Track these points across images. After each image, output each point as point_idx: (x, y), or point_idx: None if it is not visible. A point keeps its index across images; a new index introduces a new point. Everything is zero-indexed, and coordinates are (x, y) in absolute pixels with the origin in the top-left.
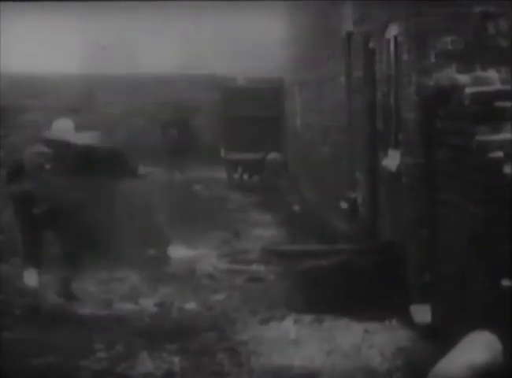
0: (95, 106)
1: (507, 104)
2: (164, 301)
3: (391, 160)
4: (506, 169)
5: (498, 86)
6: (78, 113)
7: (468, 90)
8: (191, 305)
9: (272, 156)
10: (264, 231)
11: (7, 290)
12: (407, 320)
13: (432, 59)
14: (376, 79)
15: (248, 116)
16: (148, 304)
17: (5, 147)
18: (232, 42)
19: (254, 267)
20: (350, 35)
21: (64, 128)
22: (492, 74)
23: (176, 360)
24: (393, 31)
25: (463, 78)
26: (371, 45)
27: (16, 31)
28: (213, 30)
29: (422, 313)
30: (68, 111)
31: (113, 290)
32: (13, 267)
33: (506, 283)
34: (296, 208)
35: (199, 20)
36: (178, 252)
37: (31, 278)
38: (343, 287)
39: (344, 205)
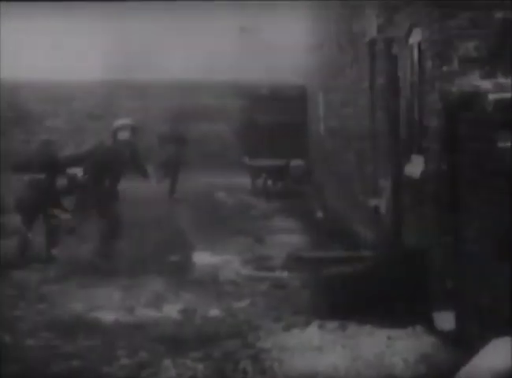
0: (117, 112)
1: None
2: (187, 307)
3: (415, 166)
4: None
5: None
6: (100, 120)
7: (490, 97)
8: (214, 312)
9: (296, 162)
10: (287, 237)
11: (27, 296)
12: (430, 327)
13: (455, 65)
14: (399, 85)
15: (272, 122)
16: (171, 311)
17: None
18: (256, 49)
19: (278, 273)
20: (373, 41)
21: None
22: None
23: (200, 367)
24: (416, 37)
25: (486, 84)
26: (394, 51)
27: (36, 38)
28: (236, 36)
29: (445, 320)
30: (90, 117)
31: (136, 297)
32: (32, 273)
33: None
34: (320, 214)
35: (222, 26)
36: (202, 258)
37: None
38: (366, 293)
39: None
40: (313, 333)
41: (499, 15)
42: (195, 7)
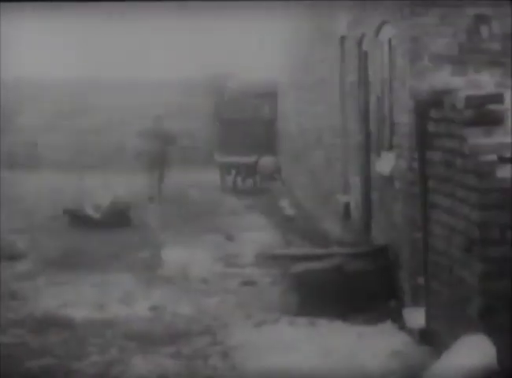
0: (90, 110)
1: (500, 107)
2: (157, 305)
3: (385, 163)
4: (500, 173)
5: (491, 89)
6: (74, 117)
7: (461, 94)
8: (184, 309)
9: (266, 159)
10: (257, 234)
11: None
12: (401, 324)
13: (426, 62)
14: (369, 82)
15: (242, 119)
16: (141, 308)
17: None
18: (228, 45)
19: (248, 270)
20: (344, 37)
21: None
22: (485, 77)
23: (170, 364)
24: (387, 34)
25: (457, 81)
26: (365, 48)
27: (12, 35)
28: (208, 33)
29: (416, 317)
30: (64, 114)
31: (107, 294)
32: (6, 269)
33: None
34: (290, 211)
35: (195, 23)
36: (171, 255)
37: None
38: (336, 290)
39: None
40: (283, 330)
41: (470, 11)
42: (171, 6)
